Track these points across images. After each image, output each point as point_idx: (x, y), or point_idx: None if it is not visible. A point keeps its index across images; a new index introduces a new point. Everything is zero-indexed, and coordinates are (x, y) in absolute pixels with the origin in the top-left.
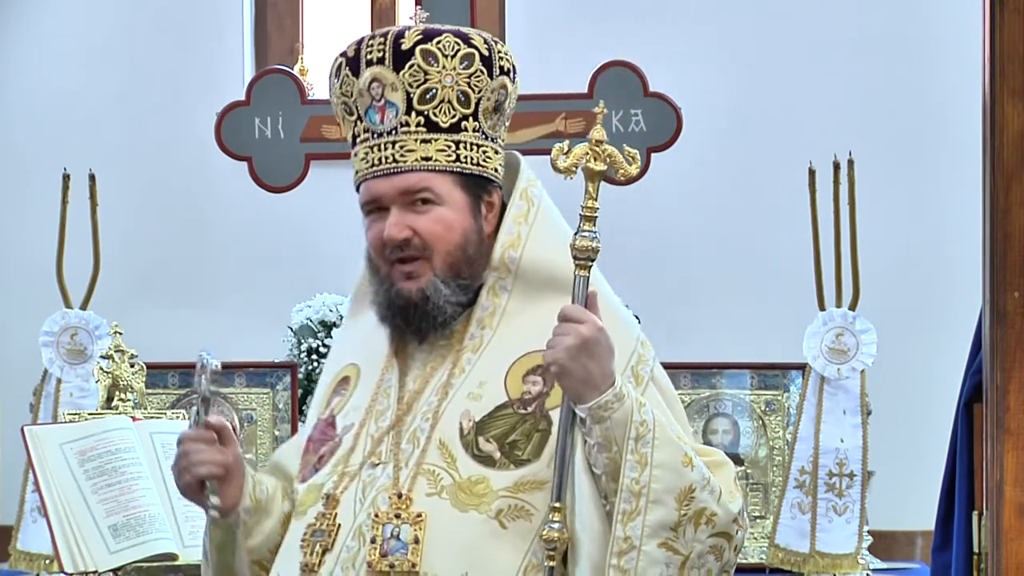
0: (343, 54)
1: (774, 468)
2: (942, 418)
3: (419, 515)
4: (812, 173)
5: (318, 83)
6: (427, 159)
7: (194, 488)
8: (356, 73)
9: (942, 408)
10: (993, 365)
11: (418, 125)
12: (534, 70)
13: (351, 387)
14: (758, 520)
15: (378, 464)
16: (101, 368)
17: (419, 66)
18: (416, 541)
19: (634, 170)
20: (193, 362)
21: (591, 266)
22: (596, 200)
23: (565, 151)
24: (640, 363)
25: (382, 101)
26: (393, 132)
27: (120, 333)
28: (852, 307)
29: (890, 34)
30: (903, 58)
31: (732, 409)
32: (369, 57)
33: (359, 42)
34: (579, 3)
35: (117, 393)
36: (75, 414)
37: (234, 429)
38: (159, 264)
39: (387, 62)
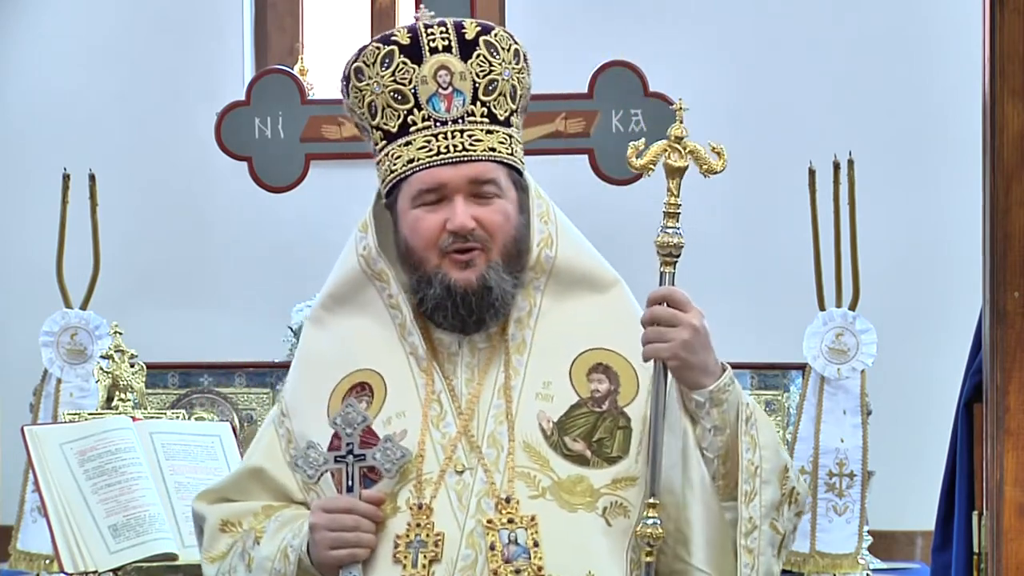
0: (393, 42)
1: None
2: (942, 418)
3: (532, 518)
4: (812, 173)
5: (318, 83)
6: (492, 150)
7: (345, 562)
8: (418, 60)
9: (942, 408)
10: (993, 365)
11: (482, 115)
12: (534, 70)
13: (378, 394)
14: None
15: (463, 471)
16: (101, 368)
17: (484, 56)
18: (536, 544)
19: (719, 165)
20: (193, 362)
21: (676, 262)
22: (678, 196)
23: (640, 149)
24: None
25: (449, 89)
26: (460, 120)
27: (120, 333)
28: (852, 307)
29: (890, 34)
30: (903, 58)
31: None
32: (433, 45)
33: (412, 31)
34: (579, 3)
35: (117, 393)
36: (75, 414)
37: (234, 430)
38: (159, 264)
39: (454, 51)
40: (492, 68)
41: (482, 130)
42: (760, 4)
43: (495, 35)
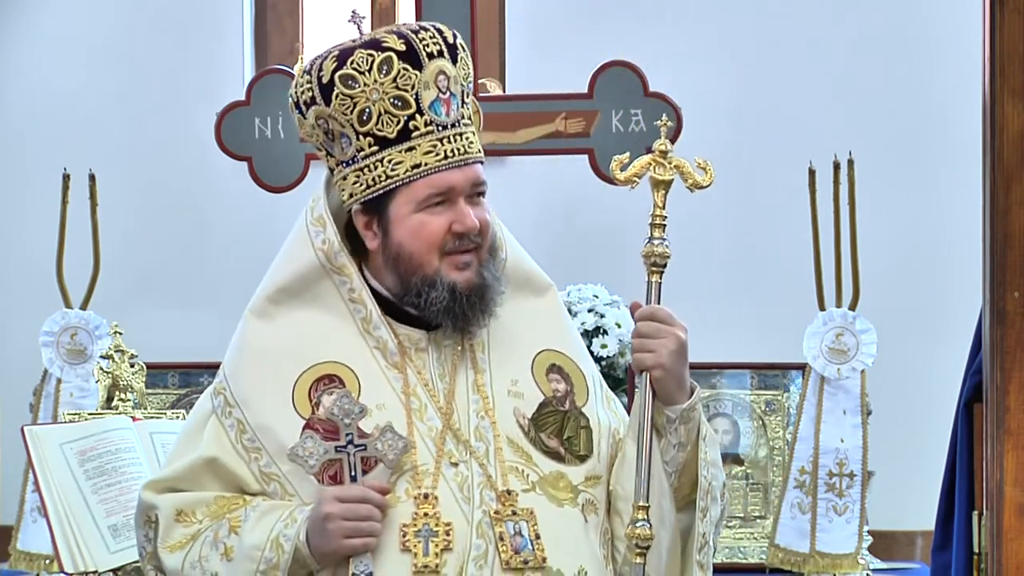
0: (387, 49)
1: (774, 468)
2: (942, 418)
3: (531, 511)
4: (812, 173)
5: None
6: (479, 151)
7: (359, 551)
8: (418, 67)
9: (942, 408)
10: (993, 365)
11: (467, 117)
12: (534, 70)
13: (350, 386)
14: (758, 520)
15: (458, 463)
16: (101, 368)
17: (463, 59)
18: (537, 536)
19: (706, 180)
20: (193, 362)
21: (663, 271)
22: (664, 208)
23: (624, 163)
24: (600, 379)
25: (447, 94)
26: (457, 124)
27: (120, 333)
28: (852, 307)
29: (890, 34)
30: (903, 58)
31: (732, 409)
32: (428, 51)
33: (403, 37)
34: (579, 3)
35: (117, 393)
36: (75, 414)
37: None
38: (159, 264)
39: (446, 55)
40: (468, 70)
41: (471, 131)
42: (760, 4)
43: (458, 37)
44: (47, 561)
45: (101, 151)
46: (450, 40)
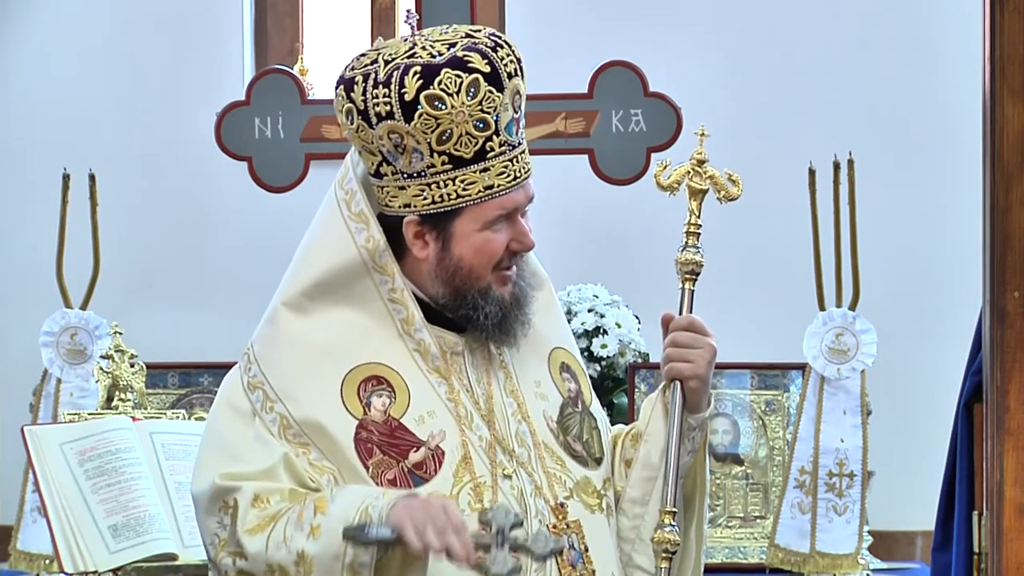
0: (473, 70)
1: (774, 468)
2: (942, 418)
3: (578, 523)
4: (812, 173)
5: (318, 83)
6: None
7: (414, 545)
8: (500, 89)
9: (942, 408)
10: (993, 365)
11: (523, 130)
12: (534, 70)
13: (399, 391)
14: (758, 520)
15: (510, 475)
16: (101, 368)
17: (525, 72)
18: (586, 549)
19: (736, 192)
20: (193, 362)
21: (696, 279)
22: (699, 216)
23: (666, 167)
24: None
25: (519, 113)
26: (522, 142)
27: (120, 333)
28: (852, 307)
29: (890, 34)
30: (903, 58)
31: (732, 409)
32: (508, 70)
33: (486, 56)
34: (579, 3)
35: (117, 393)
36: (75, 414)
37: None
38: (159, 264)
39: (518, 72)
40: (526, 83)
41: (527, 149)
42: (760, 4)
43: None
44: (47, 561)
45: (101, 151)
46: (518, 54)
